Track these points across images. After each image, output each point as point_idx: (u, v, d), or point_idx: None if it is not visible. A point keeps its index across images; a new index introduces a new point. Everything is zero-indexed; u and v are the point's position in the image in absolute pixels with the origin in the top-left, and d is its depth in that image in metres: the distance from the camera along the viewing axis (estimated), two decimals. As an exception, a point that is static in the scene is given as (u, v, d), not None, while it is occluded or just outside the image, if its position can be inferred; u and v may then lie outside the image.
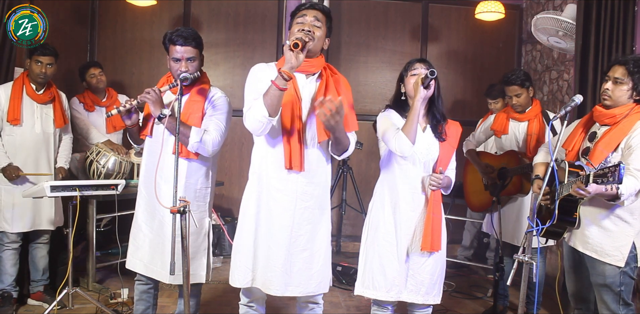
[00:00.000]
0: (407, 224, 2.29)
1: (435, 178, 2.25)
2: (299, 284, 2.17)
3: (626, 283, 2.27)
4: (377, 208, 2.38)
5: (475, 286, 4.07)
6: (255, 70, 2.20)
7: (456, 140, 2.38)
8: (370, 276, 2.33)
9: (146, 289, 2.56)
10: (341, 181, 4.60)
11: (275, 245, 2.15)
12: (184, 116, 2.37)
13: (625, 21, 3.33)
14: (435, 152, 2.31)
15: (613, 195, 2.11)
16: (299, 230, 2.16)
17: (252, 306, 2.29)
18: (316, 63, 2.16)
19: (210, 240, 2.56)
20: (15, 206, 3.12)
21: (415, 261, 2.30)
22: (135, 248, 2.49)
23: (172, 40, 2.35)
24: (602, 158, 2.26)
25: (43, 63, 3.15)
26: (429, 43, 5.26)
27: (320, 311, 2.35)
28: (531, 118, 3.29)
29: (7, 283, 3.14)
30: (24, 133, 3.17)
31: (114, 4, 4.79)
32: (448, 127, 2.37)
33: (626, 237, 2.26)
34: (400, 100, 2.37)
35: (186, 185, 2.41)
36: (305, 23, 2.11)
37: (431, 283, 2.32)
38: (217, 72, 4.86)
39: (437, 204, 2.29)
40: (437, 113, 2.34)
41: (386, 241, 2.32)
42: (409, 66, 2.35)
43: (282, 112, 2.06)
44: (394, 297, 2.31)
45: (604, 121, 2.35)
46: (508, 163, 3.31)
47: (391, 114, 2.37)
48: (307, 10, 2.13)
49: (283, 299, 3.35)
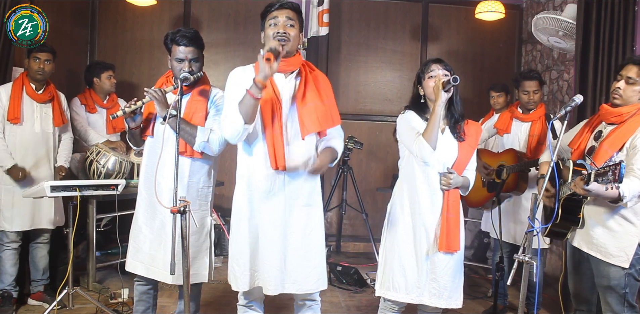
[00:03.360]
0: (426, 225, 2.27)
1: (445, 179, 2.24)
2: (295, 282, 2.18)
3: (631, 285, 2.24)
4: (396, 209, 2.37)
5: (475, 286, 4.07)
6: (231, 76, 2.21)
7: (476, 140, 2.36)
8: (390, 277, 2.31)
9: (146, 290, 2.56)
10: (341, 181, 4.60)
11: (269, 245, 2.15)
12: (187, 115, 2.38)
13: (626, 21, 3.33)
14: (454, 153, 2.30)
15: (614, 196, 2.09)
16: (291, 227, 2.17)
17: (251, 306, 2.29)
18: (294, 61, 2.17)
19: (212, 239, 2.56)
20: (15, 206, 3.12)
21: (436, 264, 2.26)
22: (135, 250, 2.48)
23: (175, 41, 2.35)
24: (607, 157, 2.23)
25: (41, 59, 3.16)
26: (429, 43, 5.26)
27: (319, 308, 2.35)
28: (534, 120, 3.31)
29: (7, 283, 3.14)
30: (24, 132, 3.17)
31: (114, 4, 4.80)
32: (467, 127, 2.35)
33: (631, 238, 2.23)
34: (419, 102, 2.35)
35: (189, 184, 2.42)
36: (278, 25, 2.11)
37: (454, 286, 2.28)
38: (217, 72, 4.86)
39: (454, 204, 2.27)
40: (455, 113, 2.32)
41: (405, 242, 2.30)
42: (426, 68, 2.32)
43: (262, 113, 2.08)
44: (415, 300, 2.28)
45: (610, 120, 2.32)
46: (507, 161, 3.33)
47: (411, 116, 2.34)
48: (278, 11, 2.13)
49: (283, 299, 3.35)
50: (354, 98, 5.17)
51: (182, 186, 2.39)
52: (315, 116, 2.14)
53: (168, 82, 2.47)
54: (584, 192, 2.07)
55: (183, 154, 2.35)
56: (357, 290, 3.82)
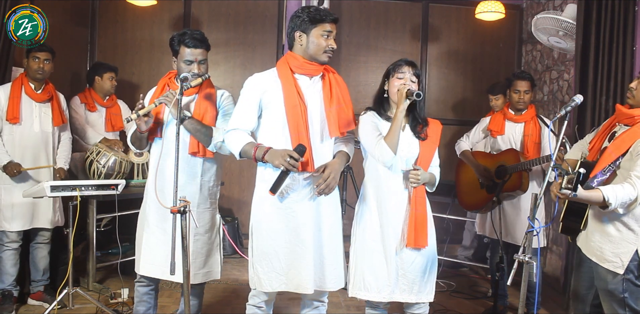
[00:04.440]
0: (393, 222, 2.29)
1: (414, 175, 2.25)
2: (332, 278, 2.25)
3: (631, 291, 2.19)
4: (363, 209, 2.39)
5: (475, 286, 4.07)
6: (250, 86, 2.24)
7: (437, 137, 2.38)
8: (361, 277, 2.33)
9: (147, 291, 2.56)
10: (341, 182, 4.60)
11: (302, 245, 2.18)
12: (198, 116, 2.40)
13: (626, 21, 3.33)
14: (416, 150, 2.32)
15: (598, 202, 2.05)
16: (321, 226, 2.23)
17: (261, 307, 2.29)
18: (320, 66, 2.23)
19: (221, 236, 2.57)
20: (15, 205, 3.12)
21: (405, 260, 2.28)
22: (148, 253, 2.46)
23: (184, 43, 2.36)
24: (610, 160, 2.19)
25: (40, 59, 3.16)
26: (429, 43, 5.26)
27: (325, 310, 2.38)
28: (527, 120, 3.35)
29: (7, 283, 3.14)
30: (23, 132, 3.17)
31: (114, 4, 4.79)
32: (428, 127, 2.37)
33: (628, 244, 2.18)
34: (382, 96, 2.38)
35: (201, 183, 2.45)
36: (330, 38, 2.18)
37: (422, 280, 2.31)
38: (217, 72, 4.86)
39: (420, 200, 2.29)
40: (418, 117, 2.34)
41: (373, 241, 2.32)
42: (397, 67, 2.31)
43: (288, 118, 2.14)
44: (386, 298, 2.30)
45: (623, 120, 2.28)
46: (507, 161, 3.33)
47: (371, 118, 2.36)
48: (333, 25, 2.17)
49: (283, 299, 3.35)
50: (354, 98, 5.04)
51: (195, 185, 2.43)
52: (341, 118, 2.23)
53: (171, 84, 2.48)
54: (561, 196, 2.03)
55: (195, 154, 2.38)
56: (357, 290, 3.81)
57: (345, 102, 2.27)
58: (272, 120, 2.20)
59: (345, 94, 2.29)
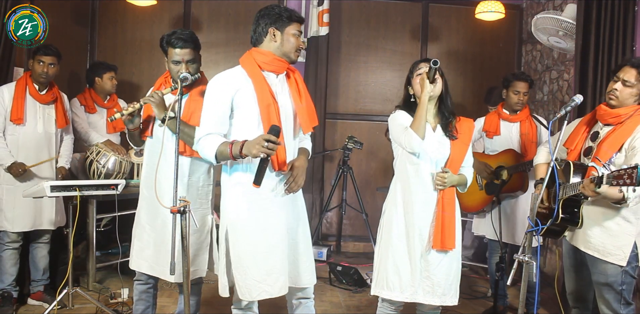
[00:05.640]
0: (419, 223, 2.28)
1: (440, 178, 2.24)
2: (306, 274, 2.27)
3: (627, 282, 2.27)
4: (390, 208, 2.37)
5: (475, 286, 4.07)
6: (219, 86, 2.17)
7: (469, 137, 2.36)
8: (385, 276, 2.31)
9: (145, 289, 2.57)
10: (341, 181, 4.60)
11: (280, 247, 2.16)
12: (186, 116, 2.39)
13: (626, 21, 3.32)
14: (447, 151, 2.30)
15: (619, 198, 2.09)
16: (292, 224, 2.23)
17: (250, 308, 2.29)
18: (288, 64, 2.23)
19: (214, 236, 2.56)
20: (17, 206, 3.12)
21: (430, 262, 2.26)
22: (140, 249, 2.49)
23: (171, 43, 2.36)
24: (607, 158, 2.24)
25: (45, 63, 3.15)
26: (429, 43, 5.26)
27: (312, 304, 2.38)
28: (523, 119, 3.37)
29: (7, 283, 3.15)
30: (26, 132, 3.17)
31: (114, 4, 4.79)
32: (459, 125, 2.36)
33: (628, 237, 2.25)
34: (410, 102, 2.36)
35: (189, 183, 2.44)
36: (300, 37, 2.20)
37: (447, 283, 2.28)
38: (217, 72, 4.73)
39: (449, 202, 2.27)
40: (445, 111, 2.33)
41: (399, 241, 2.30)
42: (414, 67, 2.35)
43: (263, 117, 2.10)
44: (409, 298, 2.28)
45: (607, 120, 2.33)
46: (506, 162, 3.33)
47: (400, 115, 2.36)
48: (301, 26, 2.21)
49: (283, 299, 3.35)
50: (354, 98, 5.17)
51: (182, 185, 2.40)
52: (311, 115, 2.26)
53: (167, 83, 2.48)
54: (593, 194, 2.07)
55: (182, 154, 2.37)
56: (357, 290, 3.82)
57: (310, 99, 2.32)
58: (244, 120, 2.13)
59: (307, 90, 2.32)
